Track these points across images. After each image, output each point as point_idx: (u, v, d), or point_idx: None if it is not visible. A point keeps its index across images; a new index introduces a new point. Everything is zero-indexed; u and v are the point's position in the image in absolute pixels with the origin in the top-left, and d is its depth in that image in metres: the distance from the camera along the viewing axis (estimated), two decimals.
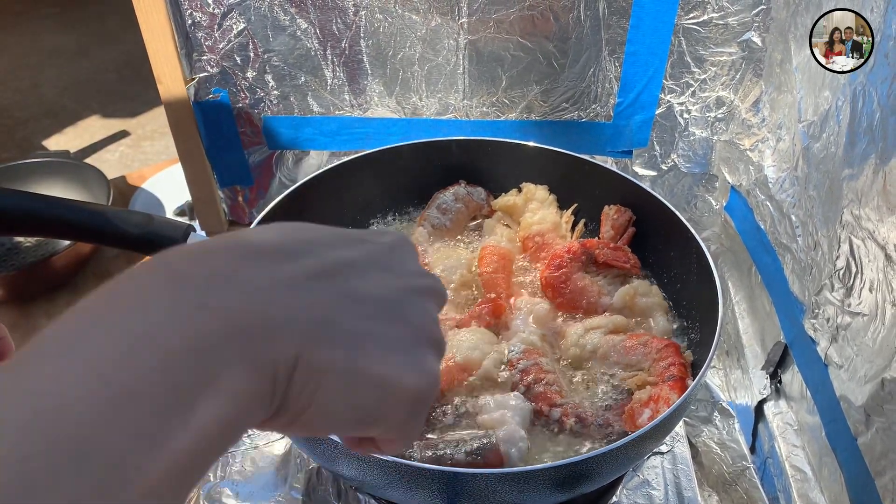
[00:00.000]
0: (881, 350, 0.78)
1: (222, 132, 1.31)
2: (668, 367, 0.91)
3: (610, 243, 1.10)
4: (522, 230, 1.16)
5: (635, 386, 0.93)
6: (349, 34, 1.20)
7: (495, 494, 0.73)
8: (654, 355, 0.94)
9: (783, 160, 1.08)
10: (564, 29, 1.17)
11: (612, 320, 1.00)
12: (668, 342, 0.96)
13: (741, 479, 1.03)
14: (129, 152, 2.74)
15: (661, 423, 0.76)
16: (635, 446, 0.76)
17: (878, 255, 0.79)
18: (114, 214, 0.88)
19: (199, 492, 0.94)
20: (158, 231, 0.88)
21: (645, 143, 1.28)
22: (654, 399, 0.88)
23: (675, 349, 0.94)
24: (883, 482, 0.77)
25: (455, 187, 1.21)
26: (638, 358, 0.95)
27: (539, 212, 1.16)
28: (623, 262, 1.09)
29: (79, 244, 1.57)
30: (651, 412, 0.86)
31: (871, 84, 0.81)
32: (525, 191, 1.20)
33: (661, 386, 0.89)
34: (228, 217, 1.43)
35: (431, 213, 1.17)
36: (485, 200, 1.22)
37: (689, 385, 0.87)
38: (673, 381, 0.89)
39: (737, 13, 1.12)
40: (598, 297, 1.05)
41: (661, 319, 1.03)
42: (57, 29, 3.52)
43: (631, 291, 1.04)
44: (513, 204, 1.19)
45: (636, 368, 0.95)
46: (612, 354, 0.96)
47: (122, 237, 0.87)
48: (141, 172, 1.97)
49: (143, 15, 1.14)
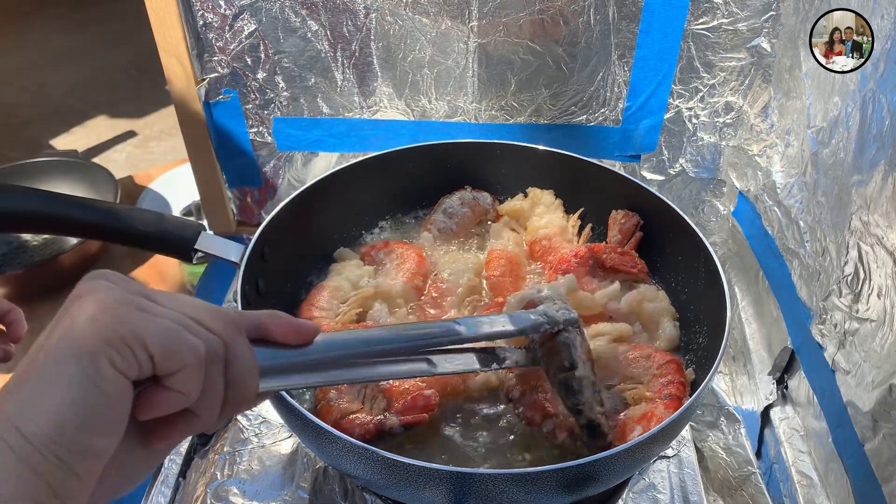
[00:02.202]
0: (889, 356, 0.78)
1: (232, 133, 1.31)
2: (667, 385, 0.90)
3: (617, 248, 1.10)
4: (529, 234, 1.16)
5: (632, 399, 0.91)
6: (359, 36, 1.21)
7: (502, 495, 0.73)
8: (655, 370, 0.92)
9: (791, 166, 1.08)
10: (574, 33, 1.17)
11: (618, 328, 0.99)
12: (670, 358, 0.94)
13: (747, 484, 1.03)
14: (136, 152, 2.75)
15: (668, 425, 0.76)
16: (642, 449, 0.76)
17: (886, 261, 0.79)
18: (125, 213, 0.88)
19: (206, 490, 0.95)
20: (170, 229, 0.88)
21: (653, 148, 1.28)
22: (646, 417, 0.86)
23: (676, 366, 0.93)
24: (890, 488, 0.77)
25: (461, 192, 1.21)
26: (639, 371, 0.94)
27: (546, 216, 1.17)
28: (630, 267, 1.08)
29: (87, 243, 1.58)
30: (642, 430, 0.84)
31: (881, 90, 0.82)
32: (531, 195, 1.21)
33: (656, 403, 0.88)
34: (237, 217, 1.44)
35: (438, 218, 1.18)
36: (491, 205, 1.22)
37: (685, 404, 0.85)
38: (669, 400, 0.88)
39: (746, 19, 1.12)
40: (601, 303, 1.03)
41: (668, 325, 1.02)
42: (65, 29, 3.54)
43: (638, 297, 1.03)
44: (519, 208, 1.20)
45: (636, 381, 0.93)
46: (614, 364, 0.95)
47: (133, 235, 0.88)
48: (148, 173, 1.97)
49: (156, 15, 1.15)
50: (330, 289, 1.04)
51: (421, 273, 1.07)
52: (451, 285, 1.06)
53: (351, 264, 1.09)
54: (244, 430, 1.03)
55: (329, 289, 1.04)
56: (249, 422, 1.04)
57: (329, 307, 1.01)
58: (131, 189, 1.88)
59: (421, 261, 1.08)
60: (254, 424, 1.04)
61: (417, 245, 1.13)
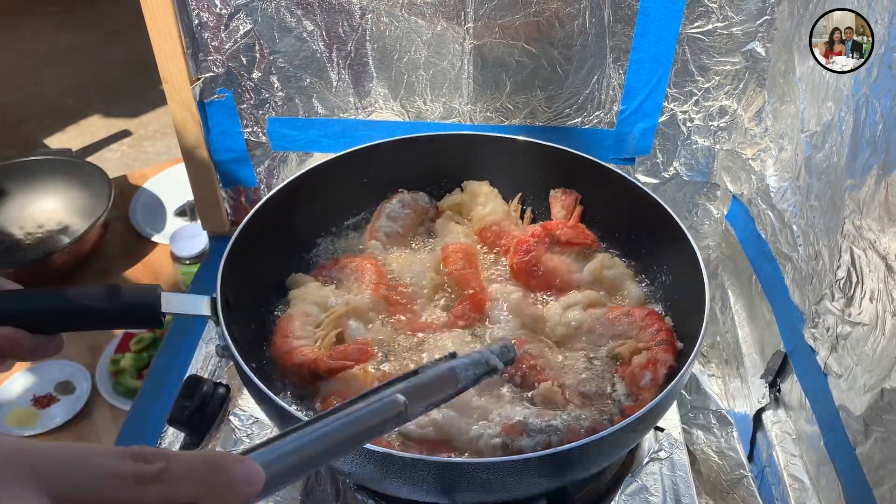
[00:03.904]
0: (881, 360, 0.78)
1: (226, 132, 1.31)
2: (657, 333, 0.96)
3: (567, 223, 1.15)
4: (477, 223, 1.17)
5: (628, 353, 0.96)
6: (355, 37, 1.21)
7: (491, 483, 0.74)
8: (640, 323, 0.98)
9: (785, 170, 1.08)
10: (569, 36, 1.18)
11: (588, 295, 1.04)
12: (649, 310, 1.01)
13: (739, 487, 1.03)
14: (130, 152, 2.74)
15: (653, 408, 0.78)
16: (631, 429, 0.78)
17: (878, 266, 0.79)
18: (75, 295, 0.78)
19: None
20: (131, 300, 0.80)
21: (647, 151, 1.28)
22: (651, 362, 0.92)
23: (657, 316, 1.00)
24: (881, 492, 0.77)
25: (398, 195, 1.19)
26: (624, 328, 0.99)
27: (488, 204, 1.18)
28: (584, 239, 1.13)
29: (80, 242, 1.58)
30: (652, 375, 0.91)
31: (874, 95, 0.82)
32: (468, 188, 1.21)
33: (654, 350, 0.94)
34: (231, 217, 1.43)
35: (382, 224, 1.15)
36: (429, 204, 1.22)
37: (679, 346, 0.95)
38: (665, 346, 0.95)
39: (741, 23, 1.12)
40: (569, 273, 1.09)
41: (632, 287, 1.08)
42: (60, 28, 3.53)
43: (598, 265, 1.09)
44: (460, 201, 1.21)
45: (624, 338, 0.99)
46: (598, 328, 1.00)
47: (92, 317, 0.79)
48: (142, 172, 1.97)
49: (151, 14, 1.15)
50: (299, 316, 0.99)
51: (383, 282, 1.05)
52: (416, 287, 1.06)
53: (311, 287, 1.05)
54: (236, 431, 1.03)
55: (298, 316, 0.99)
56: (241, 422, 1.04)
57: (305, 335, 0.97)
58: (125, 188, 1.88)
59: (379, 270, 1.06)
60: (246, 425, 1.04)
61: (368, 255, 1.11)
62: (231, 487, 0.40)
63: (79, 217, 1.73)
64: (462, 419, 0.85)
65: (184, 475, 0.39)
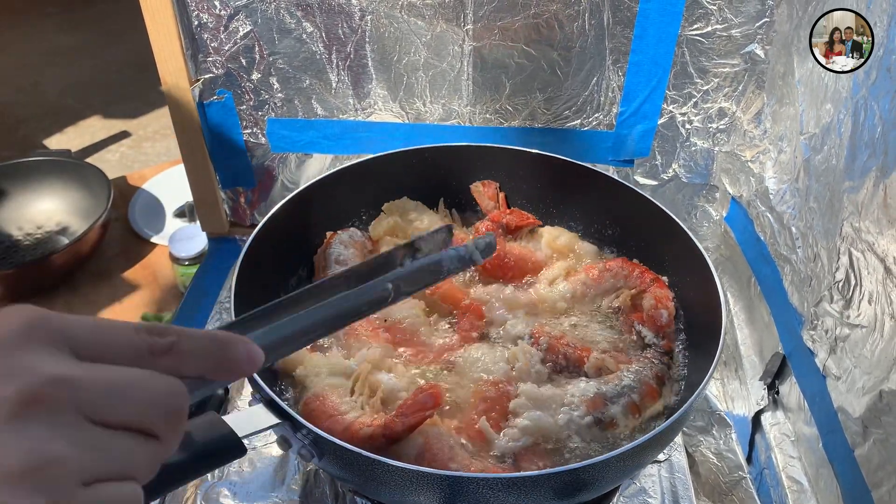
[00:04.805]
0: (879, 362, 0.78)
1: (226, 133, 1.31)
2: (642, 275, 1.04)
3: (505, 210, 1.19)
4: None
5: (629, 302, 1.03)
6: (355, 38, 1.21)
7: (491, 500, 0.73)
8: (623, 272, 1.05)
9: (784, 172, 1.08)
10: (569, 38, 1.18)
11: (561, 265, 1.10)
12: (621, 259, 1.08)
13: (737, 489, 1.03)
14: (129, 153, 2.74)
15: (663, 432, 0.77)
16: (636, 454, 0.76)
17: (877, 268, 0.79)
18: None
19: (196, 491, 0.94)
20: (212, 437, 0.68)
21: (646, 153, 1.28)
22: (658, 300, 1.00)
23: (629, 262, 1.07)
24: (880, 494, 0.77)
25: (334, 238, 1.12)
26: (610, 282, 1.05)
27: (423, 218, 1.19)
28: (528, 219, 1.18)
29: (79, 242, 1.57)
30: (667, 312, 0.99)
31: (872, 97, 0.82)
32: (390, 209, 1.18)
33: (651, 290, 1.01)
34: (230, 218, 1.43)
35: (334, 272, 1.02)
36: (363, 237, 1.16)
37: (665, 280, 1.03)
38: (656, 283, 1.03)
39: (740, 25, 1.13)
40: (533, 254, 1.13)
41: (583, 245, 1.15)
42: (59, 28, 3.52)
43: (550, 238, 1.14)
44: (394, 224, 1.16)
45: (614, 290, 1.05)
46: (589, 290, 1.06)
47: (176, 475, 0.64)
48: (142, 173, 1.97)
49: (150, 15, 1.15)
50: (329, 392, 0.90)
51: (376, 329, 1.00)
52: (412, 321, 1.01)
53: (314, 361, 0.95)
54: None
55: (328, 392, 0.90)
56: None
57: (349, 406, 0.88)
58: (124, 189, 1.88)
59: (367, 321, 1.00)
60: None
61: None
62: (234, 363, 0.46)
63: (78, 218, 1.73)
64: (546, 413, 0.87)
65: (192, 351, 0.44)
